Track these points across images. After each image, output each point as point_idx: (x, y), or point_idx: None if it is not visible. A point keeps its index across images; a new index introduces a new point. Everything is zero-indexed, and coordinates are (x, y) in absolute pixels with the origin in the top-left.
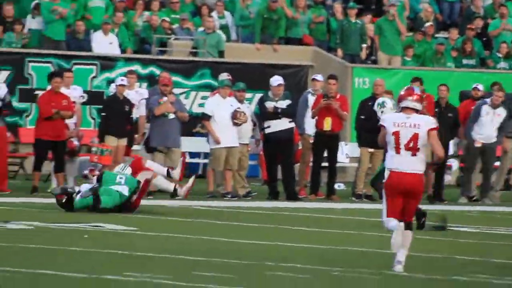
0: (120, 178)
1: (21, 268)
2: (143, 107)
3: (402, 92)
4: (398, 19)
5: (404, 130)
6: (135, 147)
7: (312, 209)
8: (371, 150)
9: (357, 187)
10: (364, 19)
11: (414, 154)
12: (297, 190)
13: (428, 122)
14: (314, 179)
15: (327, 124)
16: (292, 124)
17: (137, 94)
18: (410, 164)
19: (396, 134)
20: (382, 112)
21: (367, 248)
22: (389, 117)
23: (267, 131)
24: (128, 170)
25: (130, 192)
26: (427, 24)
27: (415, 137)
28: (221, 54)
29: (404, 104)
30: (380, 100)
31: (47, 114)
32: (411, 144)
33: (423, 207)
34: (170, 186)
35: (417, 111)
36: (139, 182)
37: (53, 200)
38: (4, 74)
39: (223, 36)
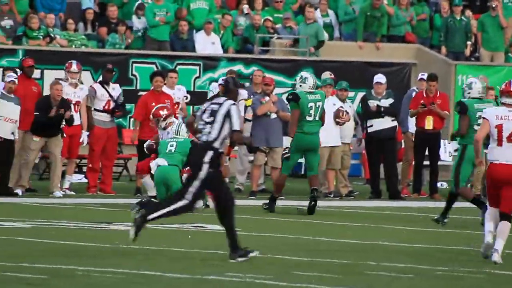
0: (171, 146)
1: (124, 269)
2: (241, 107)
3: (501, 88)
4: (502, 14)
5: (507, 123)
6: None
7: (414, 208)
8: None
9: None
10: (468, 16)
11: None
12: (400, 189)
13: None
14: (416, 177)
15: (428, 123)
16: (395, 123)
17: (238, 95)
18: (511, 155)
19: (499, 127)
20: (300, 86)
21: (469, 247)
22: (491, 111)
23: (369, 130)
24: (183, 127)
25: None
26: None
27: None
28: (320, 44)
29: (502, 100)
30: (304, 74)
31: (137, 118)
32: None
33: None
34: (152, 192)
35: None
36: (193, 142)
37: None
38: None
39: (323, 30)
